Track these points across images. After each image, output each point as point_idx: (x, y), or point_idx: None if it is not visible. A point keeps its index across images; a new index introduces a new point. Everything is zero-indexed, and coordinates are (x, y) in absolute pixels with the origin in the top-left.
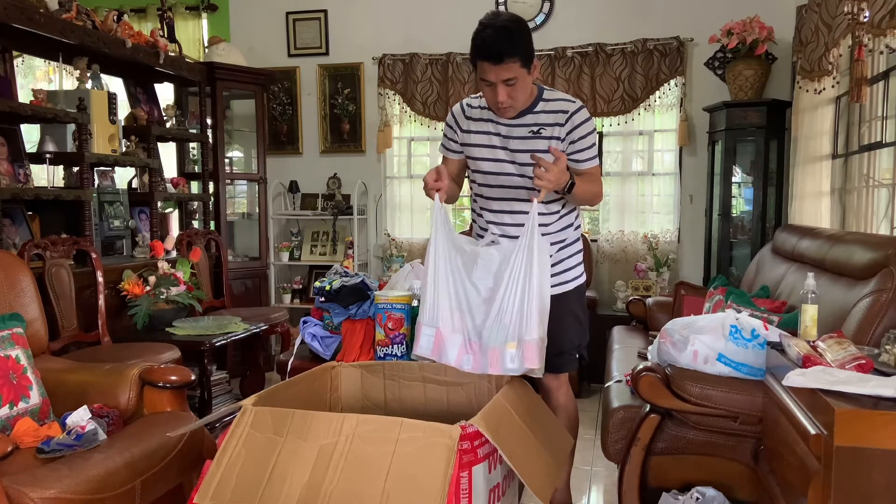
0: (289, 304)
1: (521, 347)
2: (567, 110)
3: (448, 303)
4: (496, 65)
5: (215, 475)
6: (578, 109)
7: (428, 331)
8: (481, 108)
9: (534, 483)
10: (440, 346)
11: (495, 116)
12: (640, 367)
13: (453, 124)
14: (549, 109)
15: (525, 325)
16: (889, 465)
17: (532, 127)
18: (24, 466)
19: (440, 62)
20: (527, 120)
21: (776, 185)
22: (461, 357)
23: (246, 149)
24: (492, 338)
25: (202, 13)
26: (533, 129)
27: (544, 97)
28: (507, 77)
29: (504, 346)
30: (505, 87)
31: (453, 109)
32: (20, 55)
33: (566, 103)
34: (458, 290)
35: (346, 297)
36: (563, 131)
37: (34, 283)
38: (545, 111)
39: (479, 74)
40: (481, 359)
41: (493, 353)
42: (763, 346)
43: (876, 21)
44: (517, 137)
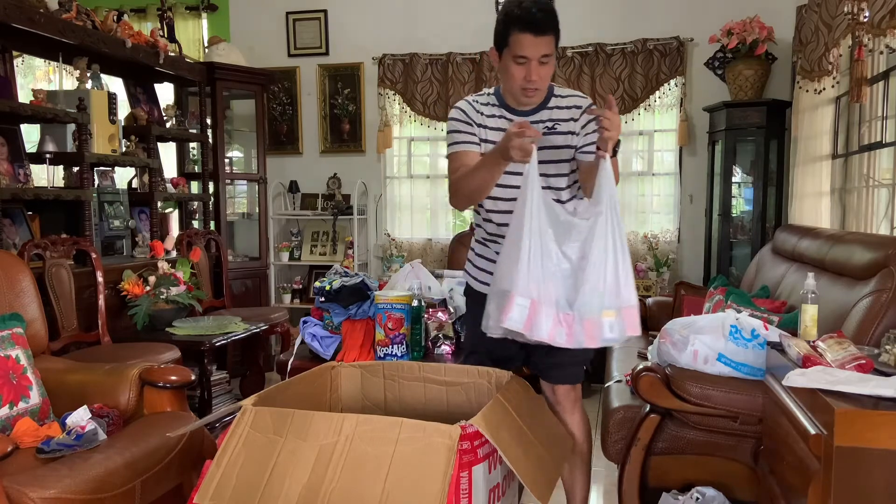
0: (289, 304)
1: (621, 315)
2: (580, 105)
3: (541, 273)
4: (538, 36)
5: (215, 475)
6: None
7: (522, 301)
8: (491, 104)
9: (533, 483)
10: (533, 318)
11: (508, 112)
12: (640, 367)
13: (465, 118)
14: (562, 105)
15: (622, 291)
16: (889, 465)
17: (546, 123)
18: (24, 466)
19: (440, 62)
20: (542, 116)
21: (776, 185)
22: (554, 331)
23: (246, 149)
24: (586, 308)
25: (202, 13)
26: (548, 124)
27: (556, 93)
28: (545, 52)
29: (601, 316)
30: (539, 66)
31: (459, 106)
32: (20, 55)
33: (579, 98)
34: (552, 260)
35: (346, 297)
36: (578, 125)
37: (34, 283)
38: (558, 107)
39: (512, 51)
40: (577, 331)
41: (590, 325)
42: (763, 346)
43: (876, 21)
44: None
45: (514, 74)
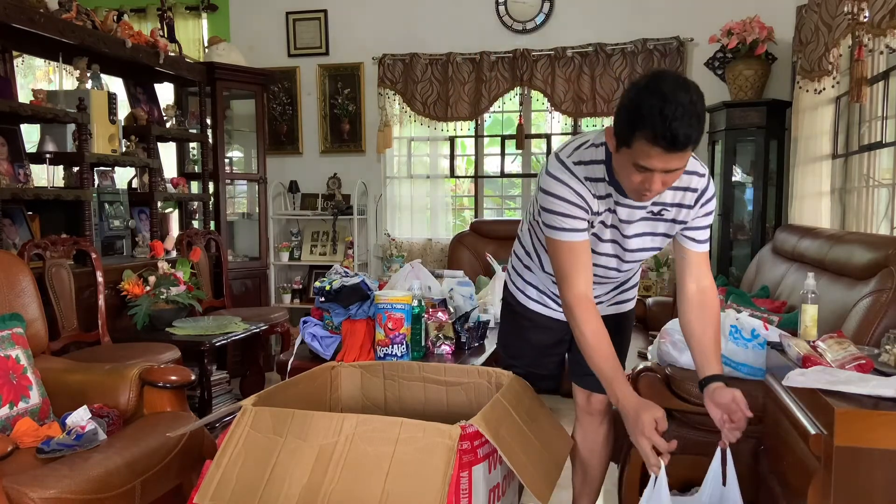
0: (289, 304)
1: None
2: (696, 188)
3: None
4: (675, 153)
5: (215, 475)
6: (708, 185)
7: None
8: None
9: (533, 483)
10: None
11: (619, 196)
12: (640, 367)
13: (584, 204)
14: (673, 185)
15: None
16: (889, 465)
17: (653, 208)
18: (24, 466)
19: (440, 62)
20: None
21: (776, 185)
22: None
23: (246, 149)
24: None
25: (202, 13)
26: (653, 210)
27: None
28: (676, 167)
29: None
30: (663, 175)
31: (574, 187)
32: (20, 55)
33: (695, 179)
34: None
35: (346, 297)
36: (691, 215)
37: (34, 283)
38: (670, 187)
39: (633, 156)
40: None
41: None
42: (763, 346)
43: (876, 21)
44: (636, 221)
45: (631, 177)
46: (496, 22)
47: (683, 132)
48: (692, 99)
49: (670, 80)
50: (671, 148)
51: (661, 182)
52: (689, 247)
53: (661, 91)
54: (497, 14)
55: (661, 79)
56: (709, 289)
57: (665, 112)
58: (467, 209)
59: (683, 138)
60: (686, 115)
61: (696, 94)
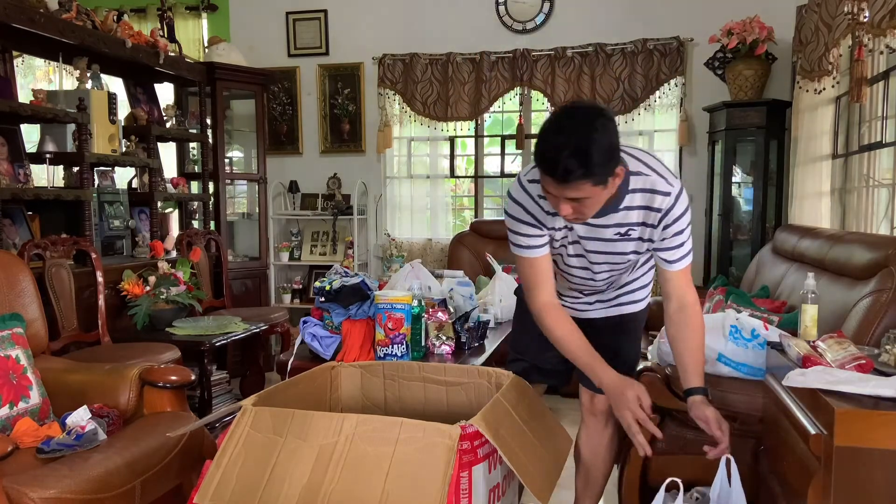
0: (289, 304)
1: None
2: (660, 208)
3: None
4: (563, 185)
5: (215, 475)
6: (674, 203)
7: None
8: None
9: (533, 483)
10: None
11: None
12: (640, 367)
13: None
14: (637, 205)
15: None
16: (889, 465)
17: (617, 229)
18: (24, 466)
19: (440, 62)
20: (609, 221)
21: (776, 185)
22: None
23: (246, 149)
24: None
25: (202, 13)
26: (619, 231)
27: (631, 187)
28: (572, 196)
29: None
30: (571, 202)
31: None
32: (20, 55)
33: (659, 197)
34: None
35: (346, 297)
36: (656, 233)
37: (34, 283)
38: (632, 207)
39: (542, 180)
40: None
41: None
42: (763, 346)
43: (876, 21)
44: (604, 239)
45: (547, 197)
46: (496, 22)
47: (563, 166)
48: (579, 135)
49: (564, 116)
50: (555, 179)
51: (570, 208)
52: (664, 266)
53: (553, 126)
54: (497, 14)
55: (559, 114)
56: (689, 306)
57: (545, 147)
58: (467, 209)
59: (562, 172)
60: (567, 151)
61: (586, 130)
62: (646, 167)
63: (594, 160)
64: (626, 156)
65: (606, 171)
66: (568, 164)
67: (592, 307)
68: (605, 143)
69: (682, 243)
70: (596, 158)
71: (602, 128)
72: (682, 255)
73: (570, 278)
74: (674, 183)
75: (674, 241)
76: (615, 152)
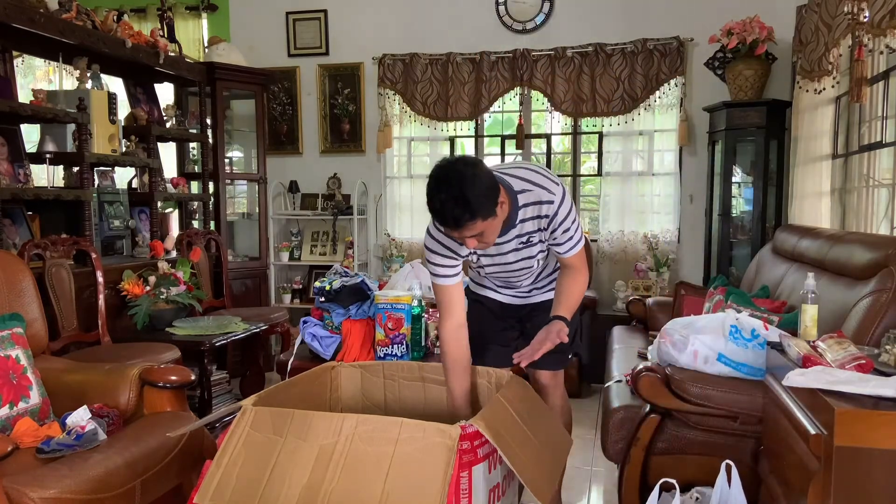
0: (289, 304)
1: None
2: (547, 214)
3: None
4: (456, 230)
5: (215, 475)
6: (559, 207)
7: None
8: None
9: (533, 483)
10: None
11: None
12: (640, 367)
13: (449, 253)
14: (529, 217)
15: None
16: (889, 465)
17: (520, 238)
18: (24, 466)
19: (440, 62)
20: (510, 234)
21: (776, 185)
22: None
23: (246, 149)
24: None
25: (202, 13)
26: (521, 239)
27: (520, 203)
28: (468, 235)
29: None
30: (472, 238)
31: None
32: (20, 55)
33: (545, 206)
34: None
35: (346, 298)
36: (547, 234)
37: (34, 283)
38: (525, 219)
39: None
40: None
41: None
42: (763, 346)
43: (876, 21)
44: (510, 251)
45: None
46: (496, 22)
47: (451, 216)
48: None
49: (441, 174)
50: (448, 227)
51: (474, 241)
52: (558, 255)
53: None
54: (497, 14)
55: (436, 174)
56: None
57: (433, 205)
58: None
59: (452, 221)
60: (449, 205)
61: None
62: (529, 184)
63: (473, 204)
64: (511, 178)
65: (489, 206)
66: (454, 213)
67: (531, 294)
68: (479, 186)
69: (570, 237)
70: (475, 202)
71: (473, 175)
72: (572, 245)
73: (500, 279)
74: (555, 191)
75: (563, 238)
76: (491, 190)
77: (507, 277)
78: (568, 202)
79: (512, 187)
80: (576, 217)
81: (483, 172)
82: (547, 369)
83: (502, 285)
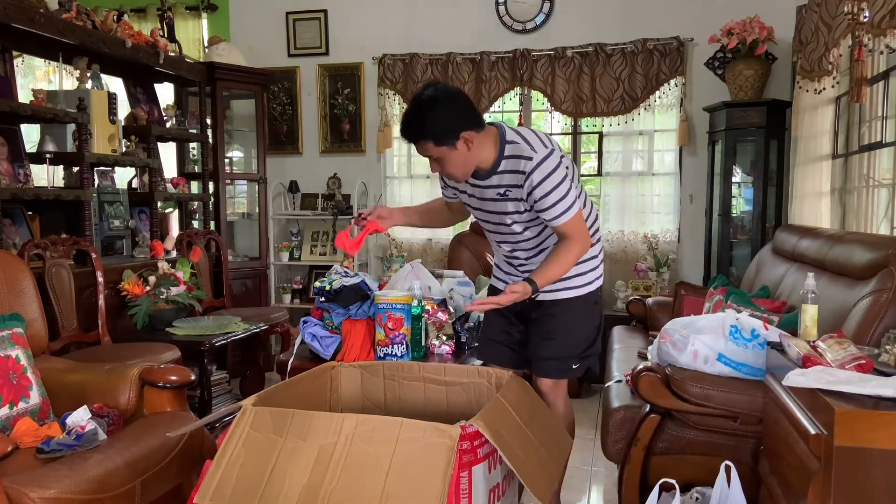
0: (289, 304)
1: None
2: (524, 171)
3: None
4: (412, 144)
5: (215, 475)
6: (536, 166)
7: None
8: None
9: (533, 483)
10: None
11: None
12: (640, 367)
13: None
14: (508, 169)
15: None
16: (889, 465)
17: (498, 189)
18: (24, 466)
19: (440, 62)
20: (492, 181)
21: (776, 185)
22: None
23: (246, 149)
24: None
25: (202, 13)
26: (499, 191)
27: (505, 154)
28: (426, 155)
29: None
30: (433, 163)
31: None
32: (20, 55)
33: (524, 161)
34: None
35: (346, 297)
36: (524, 192)
37: (34, 283)
38: (506, 171)
39: None
40: None
41: None
42: (763, 346)
43: (876, 21)
44: (488, 199)
45: None
46: (496, 22)
47: (403, 128)
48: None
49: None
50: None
51: (433, 166)
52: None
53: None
54: (497, 14)
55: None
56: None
57: (408, 106)
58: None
59: (403, 132)
60: (408, 118)
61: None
62: (518, 136)
63: (427, 125)
64: (509, 129)
65: (444, 134)
66: (409, 126)
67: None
68: (441, 112)
69: (552, 204)
70: (430, 124)
71: (437, 100)
72: (557, 213)
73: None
74: (539, 150)
75: (544, 203)
76: (457, 120)
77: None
78: (550, 166)
79: (504, 136)
80: (563, 184)
81: (452, 101)
82: (546, 377)
83: (508, 271)
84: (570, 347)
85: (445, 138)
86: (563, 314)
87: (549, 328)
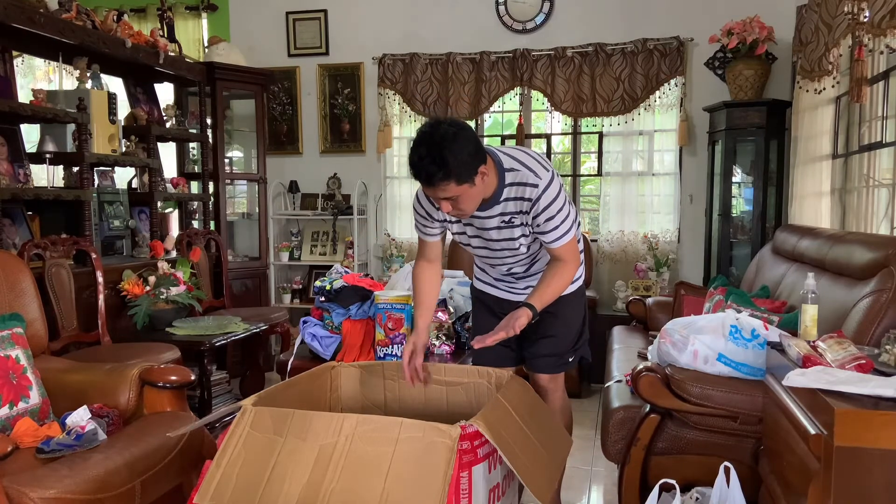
0: (289, 304)
1: None
2: (530, 198)
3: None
4: (430, 187)
5: (215, 475)
6: (542, 192)
7: None
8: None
9: (533, 483)
10: None
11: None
12: (640, 367)
13: (425, 214)
14: (512, 196)
15: None
16: (889, 465)
17: (503, 217)
18: (24, 466)
19: (440, 62)
20: (495, 211)
21: (776, 185)
22: None
23: (246, 149)
24: None
25: (202, 13)
26: (504, 219)
27: (507, 182)
28: (444, 196)
29: None
30: (447, 202)
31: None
32: (20, 55)
33: (528, 189)
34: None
35: (346, 297)
36: (529, 218)
37: (34, 284)
38: (510, 198)
39: None
40: None
41: None
42: (763, 346)
43: (876, 21)
44: (491, 228)
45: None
46: (496, 22)
47: (425, 172)
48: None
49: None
50: (424, 183)
51: (449, 205)
52: (545, 244)
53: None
54: (497, 14)
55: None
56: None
57: (412, 159)
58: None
59: (426, 176)
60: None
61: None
62: (518, 163)
63: (450, 164)
64: (503, 156)
65: (466, 171)
66: (429, 169)
67: (525, 291)
68: (460, 149)
69: (555, 227)
70: (452, 162)
71: (455, 137)
72: (558, 236)
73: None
74: (542, 175)
75: (547, 227)
76: (474, 156)
77: (492, 259)
78: (554, 191)
79: (502, 164)
80: (564, 207)
81: (468, 137)
82: (545, 372)
83: (498, 278)
84: (567, 342)
85: (468, 176)
86: (561, 312)
87: (549, 326)
